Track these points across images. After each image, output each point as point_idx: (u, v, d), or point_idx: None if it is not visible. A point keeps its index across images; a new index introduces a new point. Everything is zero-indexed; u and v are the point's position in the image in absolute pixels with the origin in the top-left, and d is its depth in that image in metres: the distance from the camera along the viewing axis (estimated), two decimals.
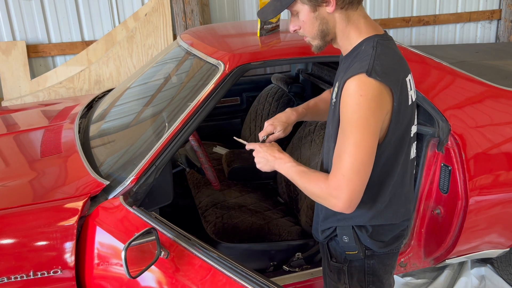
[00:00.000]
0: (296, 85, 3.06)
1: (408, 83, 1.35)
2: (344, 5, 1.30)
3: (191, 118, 1.80)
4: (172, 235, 1.49)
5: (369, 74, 1.22)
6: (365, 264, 1.51)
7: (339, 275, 1.54)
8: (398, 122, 1.32)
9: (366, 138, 1.24)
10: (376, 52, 1.28)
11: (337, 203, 1.28)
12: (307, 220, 2.28)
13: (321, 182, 1.31)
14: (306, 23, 1.34)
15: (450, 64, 2.25)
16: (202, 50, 2.10)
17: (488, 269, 2.75)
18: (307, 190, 1.37)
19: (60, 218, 1.63)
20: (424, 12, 4.65)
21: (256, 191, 2.72)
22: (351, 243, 1.47)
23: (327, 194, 1.30)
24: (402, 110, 1.32)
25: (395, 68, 1.30)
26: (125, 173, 1.79)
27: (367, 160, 1.26)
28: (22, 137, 2.32)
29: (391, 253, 1.53)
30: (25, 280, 1.55)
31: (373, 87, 1.23)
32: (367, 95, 1.22)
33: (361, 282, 1.52)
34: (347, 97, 1.25)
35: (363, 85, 1.23)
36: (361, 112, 1.23)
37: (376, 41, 1.31)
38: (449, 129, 2.04)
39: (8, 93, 3.54)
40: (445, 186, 2.09)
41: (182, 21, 3.78)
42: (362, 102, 1.23)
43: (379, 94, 1.24)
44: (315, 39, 1.37)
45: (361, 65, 1.26)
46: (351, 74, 1.25)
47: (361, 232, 1.46)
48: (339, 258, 1.54)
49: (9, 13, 3.55)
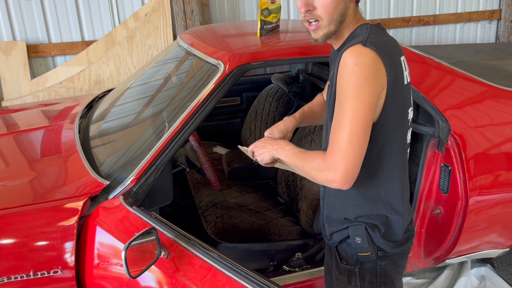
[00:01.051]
0: (296, 85, 3.06)
1: (403, 63, 1.35)
2: None
3: (191, 118, 1.80)
4: (172, 235, 1.49)
5: (364, 44, 1.23)
6: (377, 265, 1.48)
7: (350, 278, 1.52)
8: (394, 101, 1.30)
9: (360, 109, 1.23)
10: (370, 31, 1.29)
11: (334, 178, 1.26)
12: (307, 220, 2.28)
13: (318, 158, 1.30)
14: (331, 3, 1.28)
15: (450, 64, 2.25)
16: (202, 50, 2.10)
17: (488, 269, 2.75)
18: (305, 169, 1.34)
19: (60, 218, 1.63)
20: (424, 12, 4.65)
21: (256, 191, 2.72)
22: (364, 244, 1.44)
23: (324, 168, 1.27)
24: (398, 89, 1.30)
25: (389, 46, 1.31)
26: (125, 173, 1.79)
27: (362, 133, 1.25)
28: (22, 137, 2.32)
29: (402, 254, 1.52)
30: (25, 280, 1.55)
31: (368, 56, 1.23)
32: (362, 63, 1.22)
33: (372, 283, 1.50)
34: (342, 67, 1.25)
35: (358, 54, 1.23)
36: (356, 81, 1.22)
37: (369, 26, 1.33)
38: (449, 129, 2.04)
39: (8, 93, 3.54)
40: (445, 186, 2.09)
41: (182, 21, 3.78)
42: (358, 71, 1.22)
43: (374, 64, 1.23)
44: (331, 23, 1.31)
45: (356, 40, 1.27)
46: (348, 46, 1.26)
47: (373, 233, 1.44)
48: (350, 260, 1.51)
49: (9, 13, 3.55)
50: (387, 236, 1.45)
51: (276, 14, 2.19)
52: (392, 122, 1.34)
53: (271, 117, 3.05)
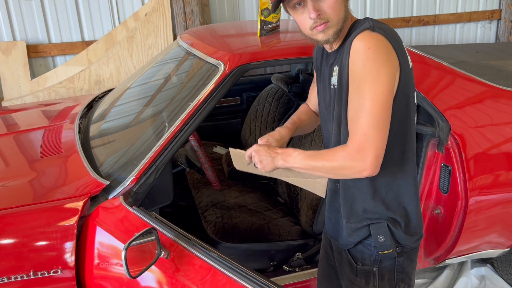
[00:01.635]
0: (296, 85, 3.06)
1: (405, 49, 1.35)
2: None
3: (191, 118, 1.80)
4: (172, 235, 1.49)
5: (372, 29, 1.24)
6: (395, 262, 1.47)
7: (368, 279, 1.49)
8: (406, 83, 1.30)
9: (380, 92, 1.21)
10: (372, 21, 1.29)
11: (363, 166, 1.22)
12: (307, 220, 2.28)
13: (341, 151, 1.26)
14: (338, 4, 1.29)
15: (450, 64, 2.25)
16: (202, 50, 2.10)
17: (488, 269, 2.75)
18: (325, 167, 1.30)
19: (60, 218, 1.63)
20: (424, 12, 4.65)
21: (256, 191, 2.72)
22: (386, 242, 1.42)
23: (350, 160, 1.24)
24: (407, 72, 1.31)
25: (392, 32, 1.31)
26: (125, 173, 1.79)
27: (386, 115, 1.23)
28: (22, 137, 2.32)
29: (416, 248, 1.51)
30: (25, 280, 1.55)
31: (378, 39, 1.23)
32: (375, 46, 1.22)
33: (391, 281, 1.49)
34: (354, 54, 1.23)
35: (369, 38, 1.23)
36: (371, 64, 1.21)
37: (366, 18, 1.33)
38: (449, 129, 2.04)
39: (8, 93, 3.54)
40: (445, 186, 2.09)
41: (182, 21, 3.78)
42: (371, 54, 1.21)
43: (386, 46, 1.23)
44: (339, 22, 1.31)
45: (361, 28, 1.26)
46: (354, 36, 1.25)
47: (396, 229, 1.42)
48: (367, 261, 1.48)
49: (9, 13, 3.55)
50: (408, 230, 1.44)
51: (276, 14, 2.19)
52: (407, 105, 1.33)
53: (271, 117, 3.05)
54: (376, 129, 1.21)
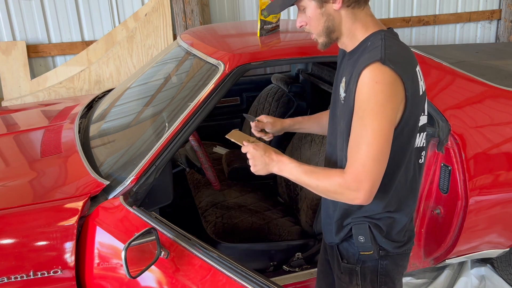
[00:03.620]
0: (296, 85, 3.06)
1: (418, 74, 1.35)
2: (351, 3, 1.31)
3: (191, 118, 1.80)
4: (172, 235, 1.49)
5: (383, 62, 1.23)
6: (378, 264, 1.49)
7: (351, 277, 1.52)
8: (411, 111, 1.31)
9: (383, 126, 1.23)
10: (385, 43, 1.28)
11: (357, 196, 1.25)
12: (307, 220, 2.28)
13: (336, 176, 1.28)
14: (312, 19, 1.34)
15: (450, 64, 2.25)
16: (202, 50, 2.10)
17: (488, 269, 2.75)
18: (319, 188, 1.32)
19: (60, 218, 1.63)
20: (424, 12, 4.65)
21: (256, 191, 2.72)
22: (366, 243, 1.45)
23: (345, 188, 1.26)
24: (415, 101, 1.32)
25: (405, 59, 1.31)
26: (125, 173, 1.79)
27: (386, 149, 1.25)
28: (22, 137, 2.32)
29: (404, 254, 1.52)
30: (25, 280, 1.55)
31: (387, 75, 1.23)
32: (383, 81, 1.23)
33: (373, 282, 1.51)
34: (362, 86, 1.25)
35: (378, 73, 1.23)
36: (377, 99, 1.23)
37: (383, 34, 1.32)
38: (449, 129, 2.04)
39: (8, 93, 3.54)
40: (445, 186, 2.09)
41: (182, 21, 3.78)
42: (378, 89, 1.23)
43: (394, 82, 1.24)
44: (320, 36, 1.37)
45: (372, 55, 1.26)
46: (365, 64, 1.25)
47: (377, 232, 1.44)
48: (351, 259, 1.51)
49: (9, 13, 3.55)
50: (389, 236, 1.46)
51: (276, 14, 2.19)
52: (407, 131, 1.35)
53: None
54: (375, 161, 1.23)
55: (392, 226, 1.45)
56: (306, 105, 3.06)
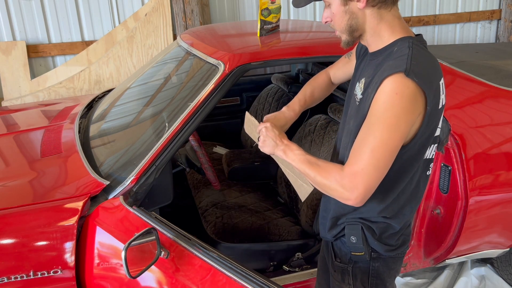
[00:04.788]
0: (296, 85, 3.06)
1: (441, 87, 1.33)
2: (377, 3, 1.28)
3: (191, 118, 1.80)
4: (172, 235, 1.49)
5: (407, 74, 1.21)
6: (370, 266, 1.49)
7: (343, 275, 1.53)
8: (428, 126, 1.30)
9: (393, 138, 1.22)
10: (412, 53, 1.26)
11: (349, 197, 1.25)
12: (307, 220, 2.28)
13: (335, 173, 1.27)
14: (336, 16, 1.32)
15: (450, 64, 2.25)
16: (202, 50, 2.10)
17: (488, 269, 2.75)
18: (316, 180, 1.32)
19: (60, 218, 1.63)
20: (424, 12, 4.65)
21: (256, 191, 2.72)
22: (358, 244, 1.45)
23: (340, 186, 1.26)
24: (433, 114, 1.30)
25: (430, 71, 1.28)
26: (125, 173, 1.79)
27: (389, 159, 1.24)
28: (22, 137, 2.32)
29: (397, 257, 1.52)
30: (25, 280, 1.55)
31: (409, 87, 1.21)
32: (403, 94, 1.21)
33: (364, 283, 1.51)
34: (381, 93, 1.23)
35: (400, 84, 1.21)
36: (393, 110, 1.21)
37: (411, 42, 1.29)
38: (449, 129, 2.04)
39: (8, 93, 3.54)
40: (445, 186, 2.09)
41: (182, 21, 3.78)
42: (397, 100, 1.21)
43: (414, 95, 1.22)
44: (343, 33, 1.35)
45: (398, 64, 1.24)
46: (388, 73, 1.23)
47: (369, 234, 1.44)
48: (343, 258, 1.52)
49: (9, 13, 3.55)
50: (382, 239, 1.46)
51: (276, 14, 2.19)
52: (421, 144, 1.34)
53: None
54: (374, 168, 1.22)
55: (386, 230, 1.45)
56: None
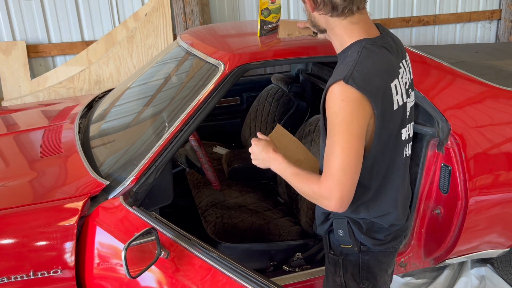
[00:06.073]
0: (296, 85, 3.06)
1: (394, 88, 1.35)
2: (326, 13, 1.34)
3: (191, 118, 1.80)
4: (172, 235, 1.49)
5: (346, 81, 1.27)
6: (359, 259, 1.54)
7: (336, 267, 1.58)
8: (383, 127, 1.35)
9: (350, 141, 1.29)
10: (359, 57, 1.31)
11: (329, 204, 1.32)
12: (307, 220, 2.28)
13: (313, 183, 1.35)
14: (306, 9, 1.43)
15: (450, 64, 2.25)
16: (202, 50, 2.10)
17: (488, 269, 2.75)
18: (301, 191, 1.41)
19: (60, 218, 1.63)
20: (424, 12, 4.65)
21: (256, 191, 2.72)
22: (345, 237, 1.51)
23: (319, 195, 1.34)
24: (387, 116, 1.34)
25: (375, 75, 1.32)
26: (125, 173, 1.79)
27: (355, 161, 1.30)
28: (22, 137, 2.32)
29: (387, 252, 1.56)
30: (25, 280, 1.55)
31: (351, 93, 1.27)
32: (347, 99, 1.27)
33: (355, 276, 1.56)
34: (330, 101, 1.31)
35: (343, 91, 1.28)
36: (343, 115, 1.28)
37: (362, 46, 1.33)
38: (449, 129, 2.04)
39: (8, 93, 3.54)
40: (445, 186, 2.09)
41: (182, 21, 3.78)
42: (344, 106, 1.27)
43: (358, 100, 1.28)
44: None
45: (342, 71, 1.31)
46: (332, 80, 1.31)
47: (356, 228, 1.49)
48: (336, 250, 1.58)
49: (9, 13, 3.55)
50: (369, 233, 1.50)
51: (276, 14, 2.19)
52: (383, 145, 1.38)
53: (271, 117, 3.05)
54: (343, 173, 1.29)
55: (372, 225, 1.49)
56: (306, 105, 3.06)
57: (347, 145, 1.28)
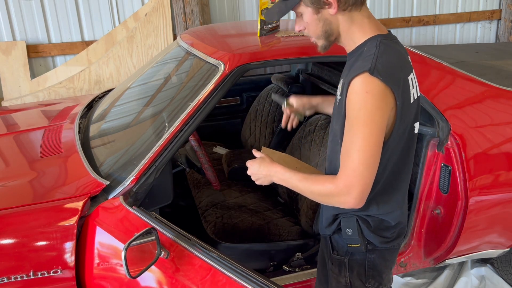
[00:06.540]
0: (296, 85, 3.06)
1: (410, 82, 1.38)
2: (347, 7, 1.33)
3: (191, 118, 1.80)
4: (172, 235, 1.49)
5: (371, 73, 1.26)
6: (366, 258, 1.53)
7: (340, 268, 1.57)
8: (401, 120, 1.35)
9: (374, 133, 1.27)
10: (378, 51, 1.31)
11: (348, 200, 1.30)
12: (307, 220, 2.28)
13: (328, 182, 1.33)
14: (310, 25, 1.38)
15: (450, 64, 2.25)
16: (202, 50, 2.10)
17: (488, 269, 2.75)
18: (314, 194, 1.38)
19: (60, 218, 1.63)
20: (424, 12, 4.65)
21: (256, 191, 2.72)
22: (354, 236, 1.49)
23: (336, 192, 1.31)
24: (405, 108, 1.35)
25: (396, 68, 1.33)
26: (125, 173, 1.79)
27: (376, 155, 1.29)
28: (22, 137, 2.32)
29: (392, 249, 1.56)
30: (25, 280, 1.55)
31: (377, 85, 1.27)
32: (372, 91, 1.26)
33: (361, 275, 1.55)
34: (353, 94, 1.29)
35: (368, 83, 1.27)
36: (367, 108, 1.27)
37: (379, 41, 1.34)
38: (449, 129, 2.04)
39: (8, 93, 3.54)
40: (445, 186, 2.09)
41: (182, 21, 3.78)
42: (368, 98, 1.26)
43: (383, 92, 1.27)
44: (319, 39, 1.41)
45: (364, 64, 1.29)
46: (355, 73, 1.29)
47: (364, 226, 1.48)
48: (340, 251, 1.56)
49: (9, 13, 3.55)
50: (377, 231, 1.49)
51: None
52: (399, 138, 1.38)
53: (271, 117, 3.05)
54: (365, 166, 1.28)
55: (380, 223, 1.49)
56: None
57: (370, 138, 1.27)
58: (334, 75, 2.76)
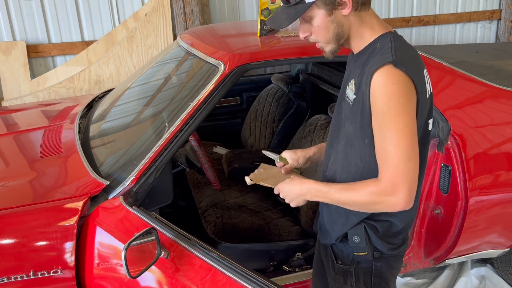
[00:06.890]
0: (296, 85, 3.06)
1: (425, 77, 1.35)
2: (358, 6, 1.30)
3: (191, 118, 1.80)
4: (172, 235, 1.49)
5: (395, 64, 1.22)
6: (372, 266, 1.49)
7: (346, 277, 1.52)
8: (420, 114, 1.31)
9: (408, 124, 1.22)
10: (395, 45, 1.27)
11: (397, 201, 1.23)
12: (307, 220, 2.28)
13: (370, 186, 1.26)
14: (321, 28, 1.32)
15: (450, 64, 2.25)
16: (202, 50, 2.10)
17: (488, 269, 2.75)
18: (356, 203, 1.30)
19: (60, 218, 1.63)
20: (424, 12, 4.65)
21: (256, 191, 2.72)
22: (361, 244, 1.44)
23: (382, 195, 1.24)
24: (423, 102, 1.31)
25: (415, 61, 1.31)
26: (125, 173, 1.79)
27: (415, 146, 1.23)
28: (22, 137, 2.32)
29: (398, 256, 1.52)
30: (25, 280, 1.55)
31: (401, 75, 1.22)
32: (399, 82, 1.22)
33: (367, 284, 1.51)
34: (377, 88, 1.23)
35: (393, 74, 1.22)
36: (396, 99, 1.22)
37: (392, 36, 1.32)
38: (449, 129, 2.04)
39: (8, 93, 3.54)
40: (445, 186, 2.09)
41: (182, 21, 3.78)
42: (396, 90, 1.22)
43: (408, 82, 1.23)
44: (329, 43, 1.35)
45: (384, 57, 1.25)
46: (376, 66, 1.24)
47: (372, 233, 1.44)
48: (345, 259, 1.51)
49: (9, 13, 3.55)
50: (384, 237, 1.45)
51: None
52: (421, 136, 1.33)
53: (271, 117, 3.05)
54: (407, 160, 1.21)
55: (389, 228, 1.45)
56: (306, 105, 3.07)
57: (406, 129, 1.21)
58: (334, 75, 2.76)
